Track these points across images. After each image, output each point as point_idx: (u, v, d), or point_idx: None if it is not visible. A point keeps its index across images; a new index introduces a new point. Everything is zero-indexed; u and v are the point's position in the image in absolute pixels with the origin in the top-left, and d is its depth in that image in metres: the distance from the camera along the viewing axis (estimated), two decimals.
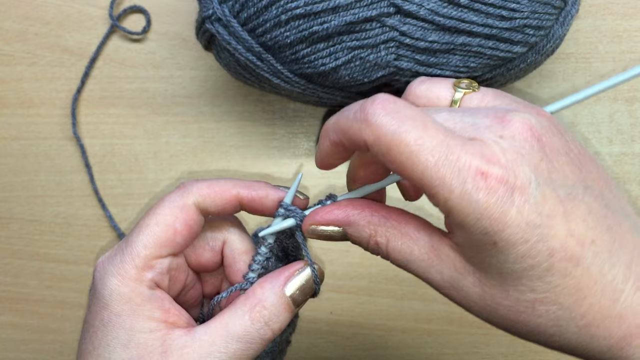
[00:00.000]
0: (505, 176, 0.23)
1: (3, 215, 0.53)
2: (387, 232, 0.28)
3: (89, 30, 0.52)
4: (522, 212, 0.23)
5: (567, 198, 0.24)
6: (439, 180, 0.23)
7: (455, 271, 0.26)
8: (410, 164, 0.23)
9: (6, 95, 0.53)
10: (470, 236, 0.24)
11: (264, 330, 0.29)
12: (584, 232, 0.24)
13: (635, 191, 0.51)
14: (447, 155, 0.23)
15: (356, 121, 0.25)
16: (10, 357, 0.54)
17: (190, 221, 0.30)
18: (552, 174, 0.24)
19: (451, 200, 0.23)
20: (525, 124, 0.25)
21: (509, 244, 0.23)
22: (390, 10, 0.38)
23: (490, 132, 0.24)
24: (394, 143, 0.24)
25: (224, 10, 0.40)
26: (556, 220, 0.23)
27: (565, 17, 0.42)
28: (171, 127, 0.53)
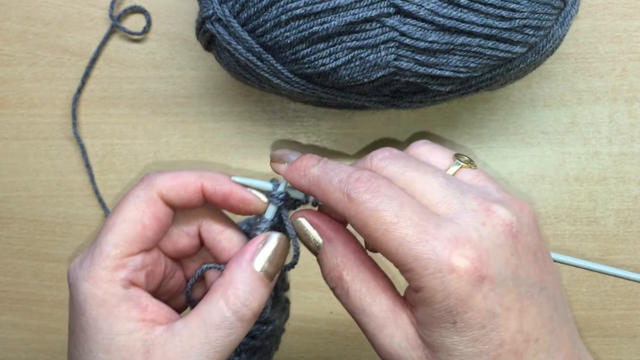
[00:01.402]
0: (477, 265, 0.24)
1: (3, 215, 0.54)
2: (356, 274, 0.28)
3: (89, 30, 0.52)
4: (486, 300, 0.24)
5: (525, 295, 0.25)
6: (412, 258, 0.24)
7: (406, 341, 0.27)
8: (385, 240, 0.25)
9: (7, 95, 0.53)
10: (433, 313, 0.25)
11: (242, 312, 0.28)
12: (532, 331, 0.25)
13: (635, 191, 0.51)
14: (422, 235, 0.24)
15: (339, 192, 0.26)
16: (10, 357, 0.54)
17: (158, 214, 0.29)
18: (518, 270, 0.25)
19: (425, 277, 0.24)
20: (506, 219, 0.26)
21: (467, 326, 0.24)
22: (390, 10, 0.38)
23: (474, 217, 0.26)
24: (371, 220, 0.25)
25: (224, 11, 0.41)
26: (512, 314, 0.25)
27: (564, 18, 0.42)
28: (171, 127, 0.53)
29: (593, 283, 0.52)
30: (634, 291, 0.52)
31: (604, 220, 0.51)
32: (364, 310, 0.28)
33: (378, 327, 0.27)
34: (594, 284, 0.52)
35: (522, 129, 0.52)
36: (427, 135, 0.52)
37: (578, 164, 0.51)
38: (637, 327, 0.52)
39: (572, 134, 0.51)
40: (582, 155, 0.51)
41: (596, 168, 0.51)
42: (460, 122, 0.52)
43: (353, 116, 0.52)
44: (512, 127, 0.52)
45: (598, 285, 0.52)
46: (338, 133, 0.52)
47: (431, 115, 0.52)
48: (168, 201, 0.30)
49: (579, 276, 0.52)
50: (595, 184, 0.51)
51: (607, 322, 0.52)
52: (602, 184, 0.51)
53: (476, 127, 0.52)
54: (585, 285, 0.52)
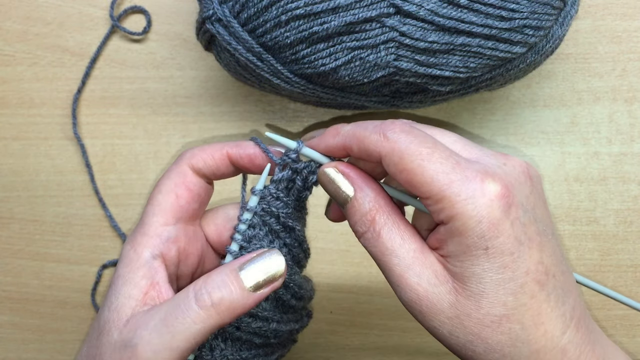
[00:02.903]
0: (505, 192, 0.26)
1: (4, 215, 0.54)
2: (388, 217, 0.29)
3: (90, 30, 0.52)
4: (514, 227, 0.26)
5: (542, 233, 0.27)
6: (447, 185, 0.26)
7: (435, 277, 0.28)
8: (420, 170, 0.26)
9: (7, 95, 0.53)
10: (466, 241, 0.26)
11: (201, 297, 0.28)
12: (550, 266, 0.27)
13: (634, 191, 0.51)
14: (454, 165, 0.26)
15: (375, 133, 0.28)
16: (10, 357, 0.54)
17: (189, 184, 0.32)
18: (536, 208, 0.28)
19: (458, 203, 0.26)
20: (522, 164, 0.29)
21: (497, 252, 0.26)
22: (390, 10, 0.38)
23: (494, 159, 0.28)
24: (407, 152, 0.27)
25: (225, 11, 0.41)
26: (534, 244, 0.26)
27: (564, 18, 0.42)
28: (171, 127, 0.53)
29: None
30: (633, 291, 0.52)
31: (603, 220, 0.51)
32: (394, 250, 0.28)
33: (406, 266, 0.28)
34: None
35: (522, 129, 0.52)
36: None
37: (578, 164, 0.51)
38: (637, 327, 0.52)
39: (572, 134, 0.51)
40: (582, 155, 0.51)
41: (596, 168, 0.51)
42: (460, 122, 0.52)
43: (353, 116, 0.52)
44: (512, 127, 0.52)
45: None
46: None
47: (431, 115, 0.52)
48: (198, 170, 0.32)
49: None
50: (595, 184, 0.51)
51: (607, 322, 0.52)
52: (601, 184, 0.51)
53: (476, 127, 0.52)
54: None
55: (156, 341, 0.28)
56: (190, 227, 0.33)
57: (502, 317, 0.26)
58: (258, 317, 0.33)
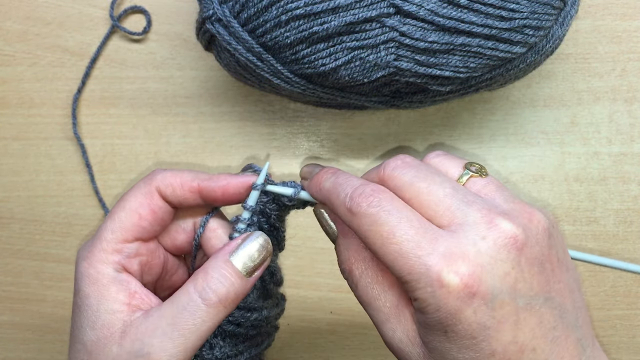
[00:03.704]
0: (469, 280, 0.25)
1: (4, 215, 0.54)
2: (365, 269, 0.29)
3: (90, 30, 0.52)
4: (477, 314, 0.25)
5: (523, 308, 0.26)
6: (406, 271, 0.26)
7: (407, 337, 0.28)
8: (382, 252, 0.26)
9: (7, 95, 0.53)
10: (426, 321, 0.26)
11: (207, 295, 0.29)
12: (528, 341, 0.26)
13: (634, 191, 0.51)
14: (415, 250, 0.25)
15: (344, 207, 0.28)
16: (10, 357, 0.54)
17: (154, 207, 0.31)
18: (518, 283, 0.26)
19: (417, 290, 0.26)
20: (509, 232, 0.26)
21: (457, 336, 0.25)
22: (390, 10, 0.38)
23: (474, 231, 0.26)
24: (369, 233, 0.27)
25: (225, 11, 0.41)
26: (506, 326, 0.25)
27: (564, 18, 0.42)
28: (172, 127, 0.53)
29: (593, 283, 0.52)
30: (633, 291, 0.52)
31: (603, 220, 0.51)
32: (370, 303, 0.29)
33: (382, 320, 0.29)
34: (593, 284, 0.52)
35: (522, 129, 0.52)
36: (427, 134, 0.52)
37: (578, 164, 0.51)
38: (637, 327, 0.52)
39: (572, 134, 0.51)
40: (582, 155, 0.51)
41: (596, 168, 0.51)
42: (460, 122, 0.52)
43: (353, 116, 0.52)
44: (512, 127, 0.52)
45: (597, 285, 0.52)
46: (338, 133, 0.52)
47: (431, 115, 0.52)
48: (165, 197, 0.32)
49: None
50: (595, 184, 0.51)
51: (607, 322, 0.52)
52: (602, 184, 0.51)
53: (476, 127, 0.52)
54: (585, 285, 0.52)
55: (170, 345, 0.28)
56: (150, 243, 0.32)
57: None
58: (253, 309, 0.34)
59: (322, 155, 0.52)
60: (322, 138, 0.53)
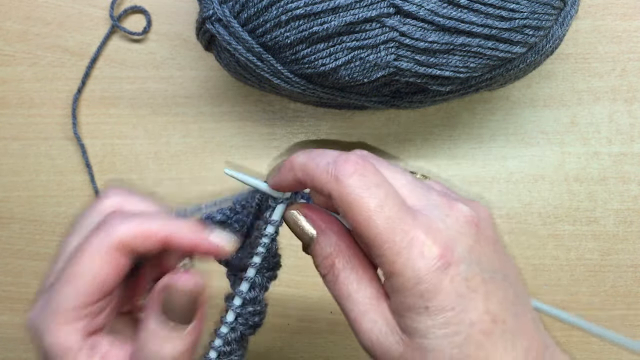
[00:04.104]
0: (444, 252, 0.26)
1: (4, 215, 0.54)
2: (347, 261, 0.29)
3: (90, 30, 0.52)
4: (454, 283, 0.26)
5: (489, 280, 0.27)
6: (389, 245, 0.26)
7: (386, 325, 0.28)
8: (366, 225, 0.26)
9: (7, 95, 0.53)
10: (406, 299, 0.26)
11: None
12: (498, 312, 0.27)
13: (634, 191, 0.51)
14: (400, 225, 0.26)
15: (326, 174, 0.27)
16: (11, 357, 0.54)
17: (118, 266, 0.29)
18: (481, 257, 0.28)
19: (397, 263, 0.26)
20: (467, 212, 0.28)
21: (437, 309, 0.26)
22: (390, 10, 0.38)
23: (438, 210, 0.28)
24: (355, 204, 0.26)
25: (225, 11, 0.41)
26: (478, 295, 0.26)
27: (564, 18, 0.42)
28: (171, 127, 0.53)
29: (593, 283, 0.52)
30: (633, 291, 0.52)
31: (603, 220, 0.51)
32: (350, 295, 0.29)
33: (361, 312, 0.28)
34: (593, 284, 0.52)
35: (522, 129, 0.52)
36: (427, 134, 0.52)
37: (578, 164, 0.51)
38: (637, 327, 0.52)
39: (572, 134, 0.51)
40: (582, 155, 0.51)
41: (596, 168, 0.51)
42: (460, 122, 0.52)
43: (353, 116, 0.52)
44: (512, 127, 0.52)
45: (598, 285, 0.52)
46: (338, 133, 0.52)
47: (431, 115, 0.52)
48: (130, 250, 0.29)
49: (578, 276, 0.52)
50: (595, 184, 0.51)
51: (607, 322, 0.52)
52: (601, 184, 0.51)
53: (476, 127, 0.52)
54: (585, 285, 0.52)
55: None
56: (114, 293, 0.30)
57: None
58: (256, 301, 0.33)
59: None
60: (322, 138, 0.53)
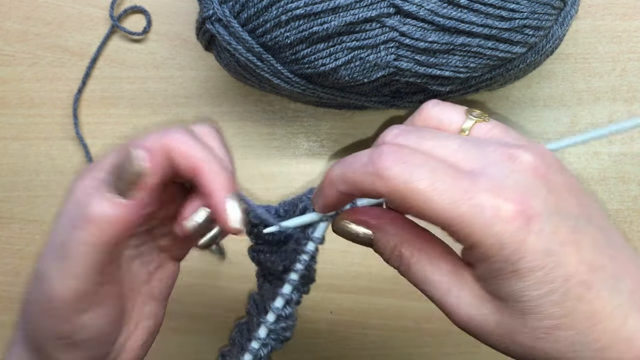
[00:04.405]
0: (520, 208, 0.24)
1: (4, 215, 0.54)
2: (413, 247, 0.28)
3: (90, 30, 0.52)
4: (540, 239, 0.24)
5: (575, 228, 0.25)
6: (458, 219, 0.24)
7: (474, 298, 0.27)
8: (428, 208, 0.25)
9: (7, 95, 0.53)
10: (492, 266, 0.25)
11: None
12: (593, 260, 0.25)
13: (635, 191, 0.51)
14: (461, 195, 0.24)
15: (367, 175, 0.26)
16: None
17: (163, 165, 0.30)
18: (559, 206, 0.25)
19: (474, 234, 0.24)
20: (531, 162, 0.26)
21: (528, 271, 0.24)
22: (390, 10, 0.38)
23: (499, 167, 0.26)
24: (408, 192, 0.25)
25: (225, 11, 0.41)
26: (569, 247, 0.25)
27: (564, 18, 0.42)
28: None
29: None
30: None
31: None
32: (427, 279, 0.27)
33: (444, 292, 0.27)
34: None
35: (522, 129, 0.52)
36: None
37: (578, 164, 0.51)
38: None
39: (572, 134, 0.51)
40: (582, 155, 0.51)
41: (596, 168, 0.51)
42: None
43: (353, 116, 0.52)
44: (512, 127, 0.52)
45: None
46: (338, 133, 0.52)
47: None
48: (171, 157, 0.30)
49: None
50: (595, 184, 0.51)
51: None
52: (602, 184, 0.51)
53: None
54: None
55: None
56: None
57: (553, 328, 0.25)
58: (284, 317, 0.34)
59: (322, 155, 0.52)
60: (322, 138, 0.52)
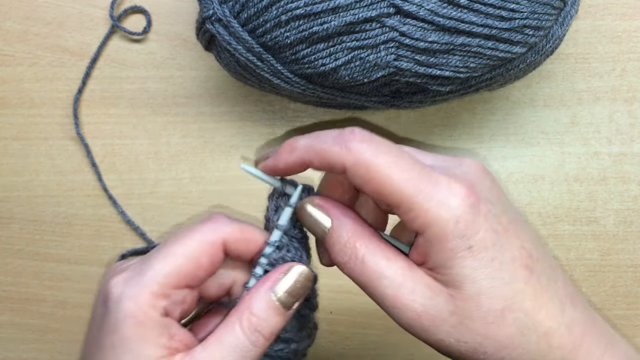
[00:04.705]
0: (471, 191, 0.27)
1: (4, 215, 0.54)
2: (369, 242, 0.29)
3: (90, 30, 0.52)
4: (488, 220, 0.26)
5: (514, 220, 0.28)
6: (417, 192, 0.26)
7: (429, 289, 0.27)
8: (388, 180, 0.26)
9: (7, 95, 0.53)
10: (448, 245, 0.26)
11: (255, 337, 0.29)
12: (532, 249, 0.27)
13: (634, 191, 0.51)
14: (420, 172, 0.27)
15: (336, 145, 0.27)
16: (10, 357, 0.54)
17: (215, 258, 0.30)
18: (500, 198, 0.28)
19: (431, 209, 0.26)
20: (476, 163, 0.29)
21: (481, 247, 0.26)
22: (390, 10, 0.38)
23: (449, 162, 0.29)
24: (372, 164, 0.26)
25: (225, 11, 0.41)
26: (510, 232, 0.27)
27: (564, 18, 0.42)
28: (172, 127, 0.53)
29: (593, 283, 0.52)
30: (633, 291, 0.52)
31: (603, 220, 0.51)
32: (382, 272, 0.28)
33: (398, 285, 0.28)
34: (593, 284, 0.52)
35: (522, 129, 0.52)
36: (427, 134, 0.52)
37: (578, 164, 0.51)
38: (637, 327, 0.52)
39: (572, 134, 0.51)
40: (582, 155, 0.51)
41: (596, 168, 0.51)
42: (460, 122, 0.52)
43: (353, 116, 0.52)
44: (512, 127, 0.52)
45: (597, 285, 0.52)
46: None
47: (431, 115, 0.52)
48: (229, 250, 0.31)
49: (579, 276, 0.52)
50: (595, 184, 0.51)
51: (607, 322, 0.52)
52: (601, 184, 0.51)
53: (476, 127, 0.52)
54: (585, 285, 0.52)
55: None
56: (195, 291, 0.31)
57: (504, 310, 0.26)
58: (280, 339, 0.33)
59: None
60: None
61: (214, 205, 0.36)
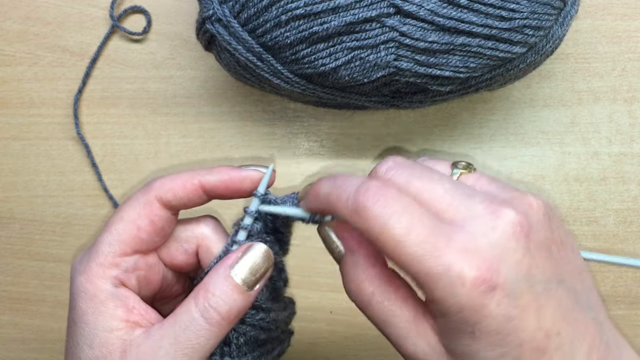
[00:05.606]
0: (488, 275, 0.24)
1: (4, 215, 0.54)
2: (377, 286, 0.28)
3: (90, 30, 0.52)
4: (500, 306, 0.24)
5: (542, 293, 0.25)
6: (424, 272, 0.24)
7: (431, 349, 0.27)
8: (397, 254, 0.25)
9: (7, 95, 0.53)
10: (450, 324, 0.25)
11: (209, 314, 0.28)
12: (552, 325, 0.25)
13: (634, 191, 0.51)
14: (432, 251, 0.24)
15: (348, 208, 0.26)
16: (11, 357, 0.54)
17: (153, 217, 0.30)
18: (532, 269, 0.25)
19: (437, 290, 0.24)
20: (513, 220, 0.26)
21: (484, 334, 0.25)
22: (390, 10, 0.38)
23: (481, 222, 0.26)
24: (382, 236, 0.25)
25: (225, 11, 0.41)
26: (529, 314, 0.25)
27: (564, 18, 0.42)
28: (171, 127, 0.53)
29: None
30: (633, 291, 0.52)
31: (603, 220, 0.51)
32: (387, 320, 0.28)
33: (402, 336, 0.27)
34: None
35: (522, 129, 0.52)
36: (427, 134, 0.52)
37: (578, 164, 0.51)
38: (637, 327, 0.52)
39: (572, 134, 0.51)
40: (582, 155, 0.51)
41: (596, 168, 0.51)
42: (460, 122, 0.52)
43: (353, 116, 0.52)
44: (512, 127, 0.52)
45: (598, 285, 0.52)
46: (338, 133, 0.52)
47: (431, 115, 0.52)
48: (166, 203, 0.31)
49: None
50: (595, 184, 0.51)
51: None
52: (601, 184, 0.51)
53: (476, 127, 0.52)
54: None
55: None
56: (149, 257, 0.31)
57: None
58: (260, 308, 0.33)
59: (322, 155, 0.52)
60: (322, 138, 0.53)
61: (214, 204, 0.36)
